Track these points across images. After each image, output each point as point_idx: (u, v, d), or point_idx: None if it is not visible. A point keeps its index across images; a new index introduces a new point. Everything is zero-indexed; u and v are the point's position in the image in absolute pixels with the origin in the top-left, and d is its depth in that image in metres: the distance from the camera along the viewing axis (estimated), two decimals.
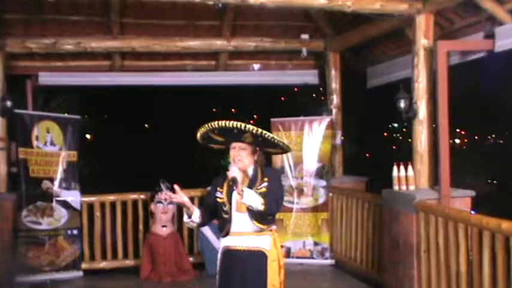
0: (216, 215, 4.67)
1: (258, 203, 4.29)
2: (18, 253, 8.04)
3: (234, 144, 4.53)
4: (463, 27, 7.17)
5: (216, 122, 4.41)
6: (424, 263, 6.31)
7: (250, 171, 4.57)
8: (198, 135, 4.61)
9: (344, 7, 6.81)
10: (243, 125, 4.33)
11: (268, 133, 4.40)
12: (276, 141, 4.49)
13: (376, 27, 7.91)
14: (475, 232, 5.40)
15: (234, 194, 4.46)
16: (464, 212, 5.92)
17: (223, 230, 4.61)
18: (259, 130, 4.35)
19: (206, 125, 4.47)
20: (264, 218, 4.45)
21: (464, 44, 7.10)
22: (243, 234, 4.52)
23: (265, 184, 4.48)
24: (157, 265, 8.13)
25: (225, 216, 4.55)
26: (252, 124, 4.37)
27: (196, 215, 4.53)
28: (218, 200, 4.60)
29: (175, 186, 4.53)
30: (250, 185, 4.46)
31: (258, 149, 4.59)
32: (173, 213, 8.42)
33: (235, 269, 4.53)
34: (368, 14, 7.19)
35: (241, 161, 4.49)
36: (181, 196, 4.45)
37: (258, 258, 4.49)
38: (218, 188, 4.63)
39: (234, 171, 4.34)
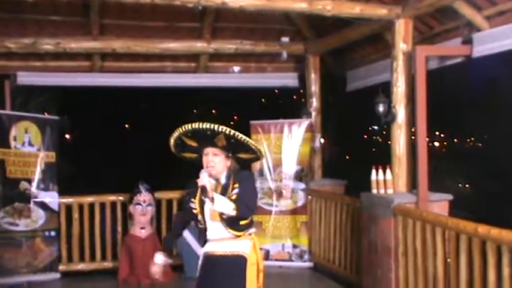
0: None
1: (230, 209, 4.28)
2: None
3: (207, 150, 4.47)
4: (442, 33, 7.22)
5: (188, 124, 4.39)
6: (401, 266, 6.35)
7: (223, 179, 4.53)
8: (171, 141, 4.58)
9: (324, 11, 6.84)
10: (215, 126, 4.30)
11: (241, 135, 4.38)
12: (248, 143, 4.44)
13: (356, 31, 7.95)
14: (452, 236, 5.45)
15: (207, 204, 4.45)
16: (441, 216, 5.95)
17: (201, 239, 4.67)
18: (232, 131, 4.33)
19: (179, 129, 4.45)
20: (237, 224, 4.45)
21: (442, 49, 7.16)
22: (222, 240, 4.52)
23: (236, 190, 4.44)
24: (135, 267, 8.08)
25: (200, 226, 4.58)
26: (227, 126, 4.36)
27: (159, 258, 4.75)
28: (193, 211, 4.61)
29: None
30: (223, 193, 4.44)
31: (230, 155, 4.57)
32: (152, 215, 8.37)
33: (215, 273, 4.53)
34: (348, 18, 7.24)
35: (213, 167, 4.44)
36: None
37: (237, 262, 4.48)
38: (192, 199, 4.62)
39: (203, 180, 4.32)
